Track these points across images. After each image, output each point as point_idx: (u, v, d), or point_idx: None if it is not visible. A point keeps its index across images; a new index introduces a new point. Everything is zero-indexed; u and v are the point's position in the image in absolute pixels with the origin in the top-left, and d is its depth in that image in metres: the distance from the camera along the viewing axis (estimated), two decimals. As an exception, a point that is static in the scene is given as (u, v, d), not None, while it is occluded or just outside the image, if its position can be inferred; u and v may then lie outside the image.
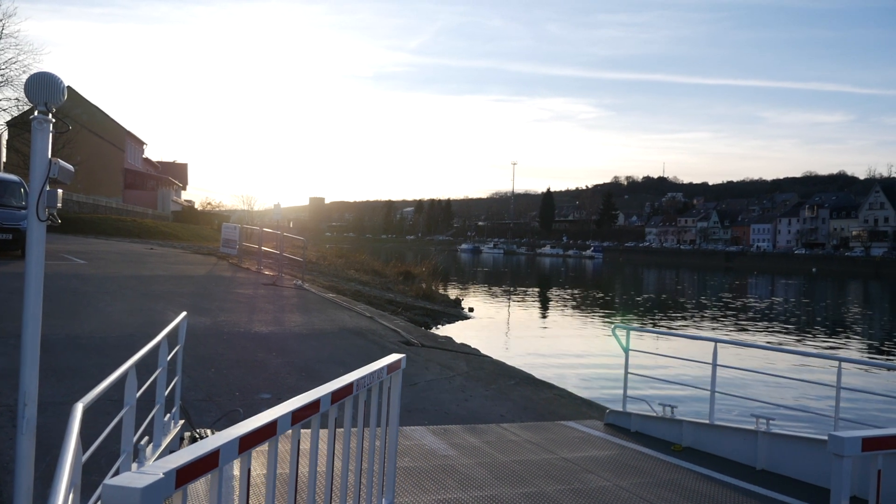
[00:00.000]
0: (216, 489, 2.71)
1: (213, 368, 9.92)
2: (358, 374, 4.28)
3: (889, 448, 3.42)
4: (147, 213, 58.31)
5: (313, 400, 3.57)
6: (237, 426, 2.92)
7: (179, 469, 2.34)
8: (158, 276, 19.41)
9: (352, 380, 4.09)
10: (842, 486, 3.25)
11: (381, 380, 4.61)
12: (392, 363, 4.81)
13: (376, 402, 4.58)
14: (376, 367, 4.54)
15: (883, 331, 33.89)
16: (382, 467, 4.82)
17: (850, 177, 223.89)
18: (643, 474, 6.80)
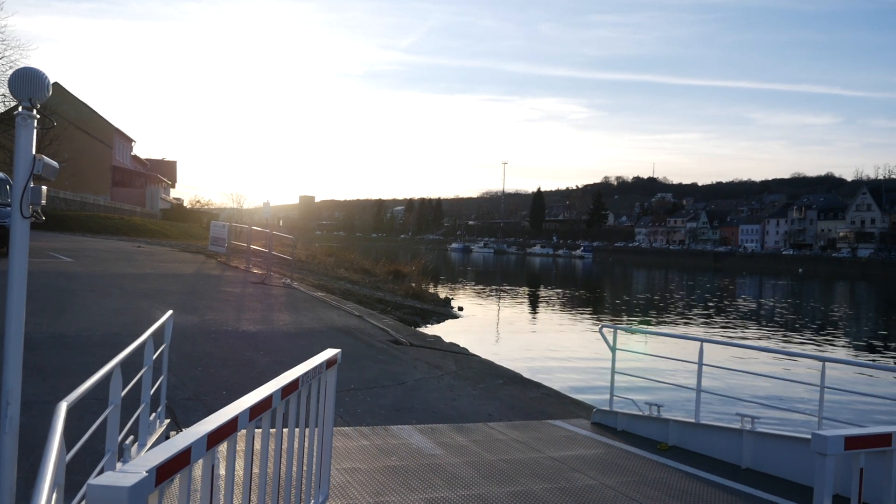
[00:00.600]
0: (185, 487, 2.72)
1: (200, 367, 9.88)
2: (302, 368, 4.30)
3: (871, 447, 3.46)
4: (135, 211, 58.00)
5: (265, 397, 3.59)
6: (203, 423, 2.94)
7: (160, 467, 2.34)
8: (146, 275, 19.32)
9: (297, 375, 4.11)
10: (825, 484, 3.28)
11: (320, 375, 4.63)
12: (330, 358, 4.83)
13: (315, 398, 4.60)
14: (317, 363, 4.55)
15: (867, 331, 34.17)
16: (320, 462, 4.84)
17: (837, 178, 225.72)
18: (629, 473, 6.83)
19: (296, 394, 4.12)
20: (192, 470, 2.70)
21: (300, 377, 4.14)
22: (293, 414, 4.13)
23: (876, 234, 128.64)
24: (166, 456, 2.43)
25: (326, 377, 4.85)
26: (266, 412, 3.64)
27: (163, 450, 2.49)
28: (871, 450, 3.50)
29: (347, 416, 8.43)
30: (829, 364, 6.99)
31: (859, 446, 3.41)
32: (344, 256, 37.61)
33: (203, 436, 2.78)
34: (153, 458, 2.40)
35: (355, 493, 5.71)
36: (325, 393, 4.85)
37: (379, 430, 7.76)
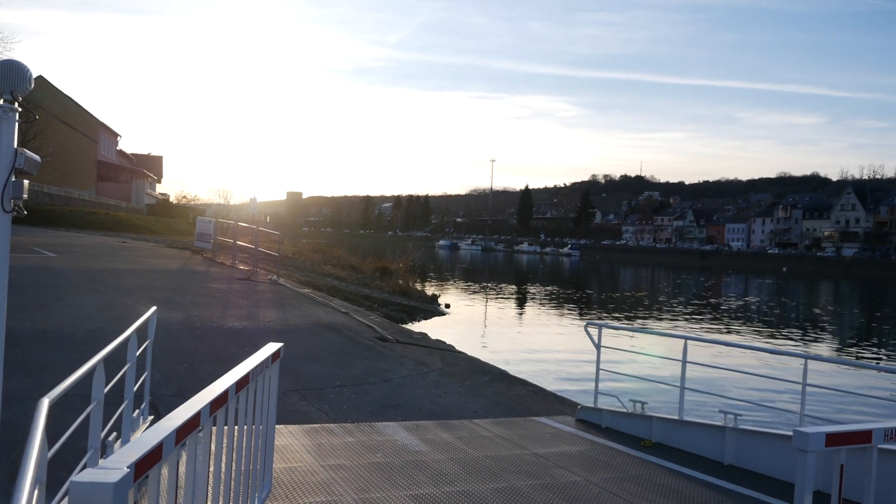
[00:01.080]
0: (155, 484, 2.72)
1: (184, 363, 9.84)
2: (251, 363, 4.30)
3: (851, 443, 3.50)
4: (121, 206, 57.58)
5: (222, 392, 3.60)
6: (169, 419, 2.95)
7: (138, 462, 2.34)
8: (131, 270, 19.20)
9: (248, 370, 4.11)
10: (806, 480, 3.32)
11: (266, 369, 4.64)
12: (275, 352, 4.84)
13: (262, 392, 4.61)
14: (264, 357, 4.56)
15: (850, 330, 34.53)
16: (264, 456, 4.86)
17: (823, 178, 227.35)
18: (613, 469, 6.87)
19: (246, 389, 4.13)
20: (161, 466, 2.71)
21: (251, 371, 4.15)
22: (243, 409, 4.14)
23: (860, 233, 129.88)
24: (143, 451, 2.43)
25: (271, 371, 4.86)
26: (222, 407, 3.65)
27: (137, 446, 2.49)
28: (852, 446, 3.54)
29: (333, 412, 8.42)
30: (811, 361, 7.06)
31: (840, 443, 3.45)
32: (331, 253, 37.52)
33: (172, 431, 2.78)
34: (130, 454, 2.39)
35: (340, 490, 5.71)
36: (270, 387, 4.87)
37: (364, 426, 7.76)
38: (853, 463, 3.79)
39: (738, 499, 6.19)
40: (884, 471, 4.62)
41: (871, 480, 3.68)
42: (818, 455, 3.41)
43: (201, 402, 3.32)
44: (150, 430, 2.74)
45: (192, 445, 3.22)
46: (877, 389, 16.60)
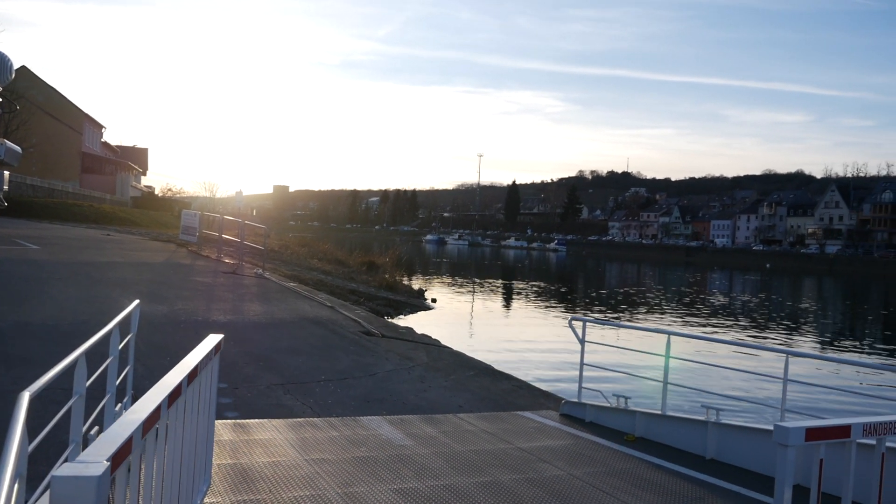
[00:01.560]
0: (123, 478, 2.72)
1: (168, 357, 9.78)
2: (198, 355, 4.31)
3: (831, 438, 3.55)
4: (105, 199, 57.09)
5: (176, 385, 3.61)
6: (133, 412, 2.95)
7: (114, 456, 2.33)
8: (115, 263, 19.05)
9: (196, 362, 4.12)
10: (786, 474, 3.36)
11: (210, 361, 4.64)
12: (216, 344, 4.86)
13: (207, 385, 4.62)
14: (208, 349, 4.56)
15: (832, 325, 34.89)
16: (206, 448, 4.88)
17: (807, 176, 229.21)
18: (596, 464, 6.91)
19: (195, 381, 4.15)
20: (130, 459, 2.71)
21: (198, 364, 4.15)
22: (192, 401, 4.16)
23: (843, 230, 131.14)
24: (117, 445, 2.43)
25: (213, 364, 4.87)
26: (177, 400, 3.67)
27: (110, 439, 2.49)
28: (832, 441, 3.58)
29: (317, 407, 8.42)
30: (792, 357, 7.14)
31: (820, 438, 3.50)
32: (317, 247, 37.40)
33: (139, 424, 2.79)
34: (105, 447, 2.39)
35: (324, 484, 5.71)
36: (212, 380, 4.88)
37: (349, 420, 7.76)
38: (833, 457, 3.84)
39: (720, 493, 6.25)
40: (862, 465, 4.71)
41: (850, 475, 3.73)
42: (798, 449, 3.45)
43: (160, 394, 3.32)
44: (117, 424, 2.73)
45: (150, 438, 3.23)
46: (856, 384, 16.82)
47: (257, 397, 8.54)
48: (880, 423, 3.75)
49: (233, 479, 5.68)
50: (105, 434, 2.56)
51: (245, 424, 7.27)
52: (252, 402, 8.34)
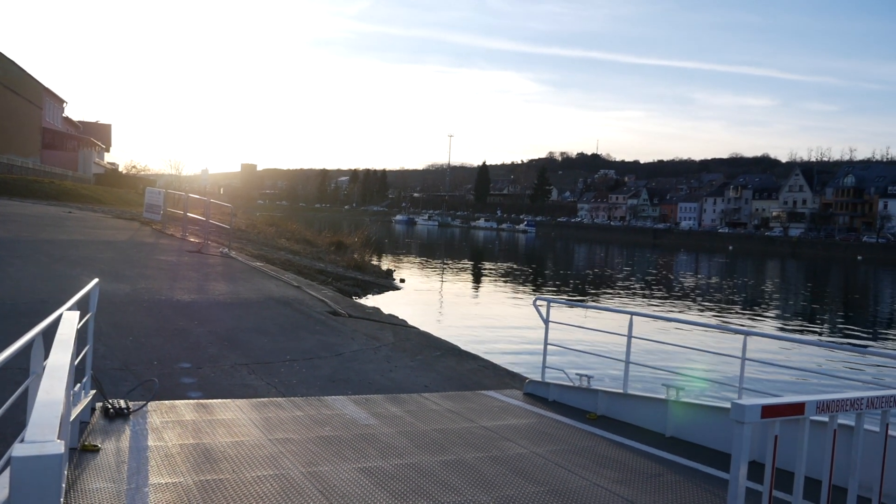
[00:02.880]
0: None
1: (130, 337, 9.66)
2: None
3: (786, 415, 3.65)
4: (67, 175, 55.78)
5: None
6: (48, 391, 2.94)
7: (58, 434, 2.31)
8: (76, 241, 18.67)
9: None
10: (741, 450, 3.45)
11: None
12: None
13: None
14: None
15: (791, 307, 35.67)
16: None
17: (773, 160, 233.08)
18: (559, 442, 7.00)
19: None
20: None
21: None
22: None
23: (807, 214, 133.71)
24: (58, 421, 2.40)
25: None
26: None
27: (50, 416, 2.45)
28: (787, 418, 3.68)
29: (282, 386, 8.38)
30: (750, 337, 7.28)
31: (775, 415, 3.59)
32: (286, 226, 37.08)
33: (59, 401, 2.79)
34: (50, 427, 2.35)
35: (287, 464, 5.70)
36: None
37: (313, 400, 7.74)
38: (786, 434, 3.93)
39: (678, 469, 6.38)
40: (814, 441, 4.87)
41: (803, 451, 3.83)
42: (754, 426, 3.52)
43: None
44: (42, 406, 2.69)
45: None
46: (812, 364, 17.27)
47: (221, 377, 8.47)
48: (833, 401, 3.86)
49: (195, 459, 5.64)
50: (39, 409, 2.52)
51: (208, 404, 7.22)
52: (216, 381, 8.28)
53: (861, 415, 4.01)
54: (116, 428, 6.24)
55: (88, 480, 5.03)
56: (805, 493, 3.88)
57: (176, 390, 7.73)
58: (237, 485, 5.17)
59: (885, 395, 4.13)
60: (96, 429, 6.16)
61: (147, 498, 4.80)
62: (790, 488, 3.93)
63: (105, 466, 5.33)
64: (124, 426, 6.31)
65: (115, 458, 5.54)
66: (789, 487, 3.97)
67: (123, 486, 4.99)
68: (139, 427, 6.33)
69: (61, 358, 3.86)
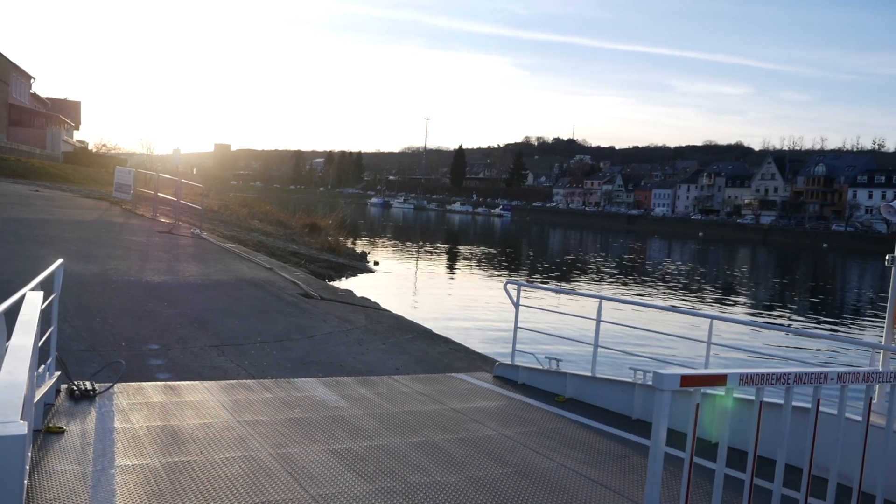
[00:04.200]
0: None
1: (98, 318, 9.54)
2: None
3: (706, 385, 3.85)
4: (34, 153, 54.61)
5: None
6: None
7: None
8: (43, 220, 18.34)
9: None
10: (661, 416, 3.66)
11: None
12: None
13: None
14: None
15: (760, 293, 36.26)
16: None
17: (746, 147, 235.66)
18: (528, 424, 7.07)
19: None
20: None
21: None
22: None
23: (778, 202, 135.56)
24: (21, 402, 2.37)
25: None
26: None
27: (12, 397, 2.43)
28: (707, 388, 3.88)
29: (252, 368, 8.35)
30: (716, 322, 7.39)
31: (692, 384, 3.78)
32: (259, 208, 36.77)
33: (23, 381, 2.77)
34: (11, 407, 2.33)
35: (256, 445, 5.69)
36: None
37: (283, 382, 7.73)
38: (707, 405, 4.04)
39: (644, 451, 6.48)
40: (744, 416, 5.19)
41: (727, 422, 4.02)
42: (681, 396, 3.64)
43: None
44: (4, 387, 2.65)
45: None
46: (776, 347, 17.61)
47: (191, 359, 8.41)
48: (757, 374, 4.05)
49: (163, 440, 5.61)
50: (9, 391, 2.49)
51: (176, 386, 7.17)
52: (185, 363, 8.22)
53: (790, 389, 4.21)
54: (82, 410, 6.18)
55: (53, 462, 4.98)
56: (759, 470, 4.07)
57: (144, 372, 7.66)
58: (205, 466, 5.15)
59: (813, 371, 4.34)
60: (61, 410, 6.09)
61: (113, 480, 4.77)
62: (743, 467, 4.09)
63: (70, 448, 5.28)
64: (90, 408, 6.25)
65: (81, 439, 5.49)
66: (742, 466, 4.09)
67: (89, 467, 4.95)
68: (105, 409, 6.28)
69: (24, 339, 3.82)
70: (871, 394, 4.69)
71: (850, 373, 4.39)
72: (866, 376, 4.47)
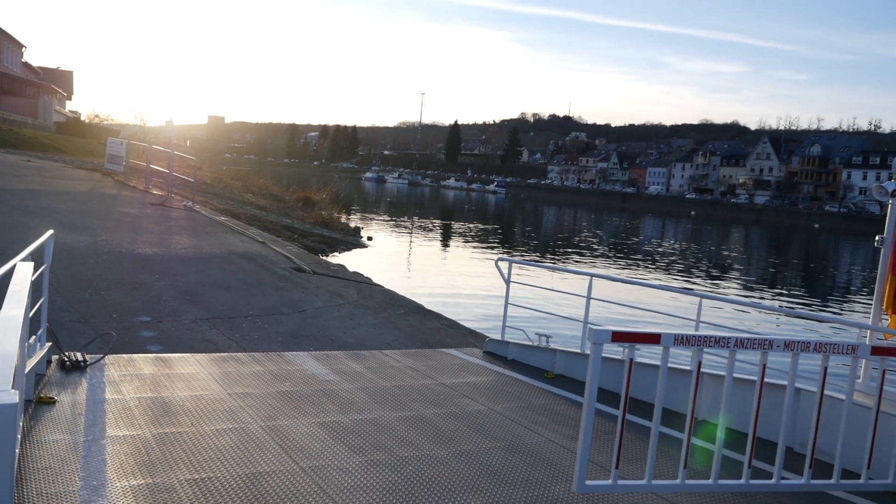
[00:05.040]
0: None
1: (89, 289, 9.54)
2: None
3: (634, 342, 4.28)
4: (26, 123, 54.10)
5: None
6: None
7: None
8: (35, 191, 18.23)
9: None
10: (595, 367, 4.09)
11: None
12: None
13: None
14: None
15: (752, 272, 36.45)
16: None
17: (742, 127, 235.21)
18: (516, 399, 7.14)
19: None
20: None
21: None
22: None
23: (772, 182, 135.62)
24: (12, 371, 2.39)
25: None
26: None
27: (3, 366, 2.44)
28: (641, 345, 4.31)
29: (243, 342, 8.38)
30: (705, 300, 7.45)
31: (626, 340, 4.22)
32: (253, 181, 36.61)
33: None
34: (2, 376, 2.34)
35: (246, 417, 5.74)
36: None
37: (273, 356, 7.76)
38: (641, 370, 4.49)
39: (631, 426, 6.56)
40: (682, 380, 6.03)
41: (661, 378, 4.38)
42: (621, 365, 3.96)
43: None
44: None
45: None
46: (767, 327, 17.74)
47: (182, 331, 8.44)
48: (693, 336, 4.38)
49: (153, 412, 5.65)
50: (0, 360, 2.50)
51: (167, 358, 7.19)
52: (176, 336, 8.24)
53: (732, 352, 4.52)
54: (73, 380, 6.20)
55: (44, 432, 5.01)
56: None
57: (135, 344, 7.69)
58: (196, 437, 5.20)
59: (758, 337, 4.67)
60: (52, 381, 6.12)
61: (104, 450, 4.81)
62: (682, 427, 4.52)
63: (61, 418, 5.31)
64: (81, 379, 6.28)
65: (72, 410, 5.52)
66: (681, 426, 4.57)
67: (80, 437, 4.99)
68: (96, 380, 6.30)
69: (14, 309, 3.83)
70: (857, 371, 4.85)
71: (800, 341, 4.58)
72: (817, 346, 4.62)
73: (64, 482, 4.26)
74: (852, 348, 4.72)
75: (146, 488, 4.29)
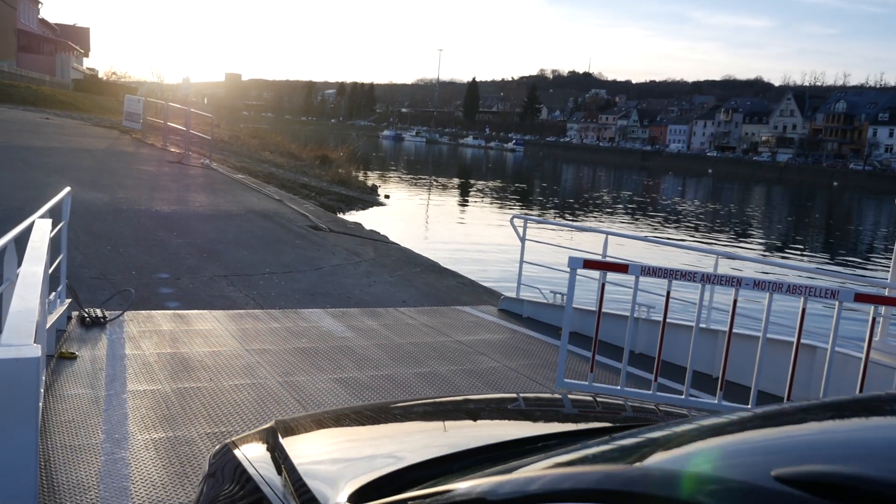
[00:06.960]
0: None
1: (108, 246, 9.64)
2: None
3: (605, 269, 5.21)
4: (44, 80, 54.19)
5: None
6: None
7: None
8: (54, 149, 18.35)
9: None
10: (571, 289, 5.16)
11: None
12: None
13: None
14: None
15: (772, 231, 36.06)
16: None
17: (766, 83, 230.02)
18: (531, 356, 7.18)
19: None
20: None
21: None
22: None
23: (796, 139, 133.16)
24: (34, 327, 2.43)
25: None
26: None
27: (25, 321, 2.48)
28: (613, 273, 5.21)
29: (260, 298, 8.46)
30: (721, 259, 7.39)
31: (596, 268, 5.22)
32: (270, 139, 36.56)
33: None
34: (24, 331, 2.38)
35: (264, 373, 5.82)
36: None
37: (290, 313, 7.84)
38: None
39: (643, 382, 6.59)
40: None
41: (634, 299, 5.38)
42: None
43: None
44: (17, 312, 2.71)
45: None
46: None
47: (199, 288, 8.53)
48: (660, 268, 5.13)
49: (173, 367, 5.75)
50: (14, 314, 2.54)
51: (185, 315, 7.29)
52: (194, 292, 8.34)
53: (702, 287, 5.29)
54: (93, 336, 6.31)
55: (66, 386, 5.12)
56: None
57: (153, 300, 7.79)
58: (214, 392, 5.29)
59: (726, 275, 5.23)
60: (72, 337, 6.23)
61: (126, 404, 4.91)
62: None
63: (82, 373, 5.42)
64: (101, 335, 6.38)
65: (93, 365, 5.63)
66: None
67: (102, 391, 5.09)
68: (116, 336, 6.41)
69: (34, 265, 3.87)
70: (876, 331, 4.99)
71: (772, 282, 4.77)
72: (791, 287, 4.69)
73: (87, 435, 4.37)
74: (832, 293, 4.59)
75: (167, 441, 4.39)
